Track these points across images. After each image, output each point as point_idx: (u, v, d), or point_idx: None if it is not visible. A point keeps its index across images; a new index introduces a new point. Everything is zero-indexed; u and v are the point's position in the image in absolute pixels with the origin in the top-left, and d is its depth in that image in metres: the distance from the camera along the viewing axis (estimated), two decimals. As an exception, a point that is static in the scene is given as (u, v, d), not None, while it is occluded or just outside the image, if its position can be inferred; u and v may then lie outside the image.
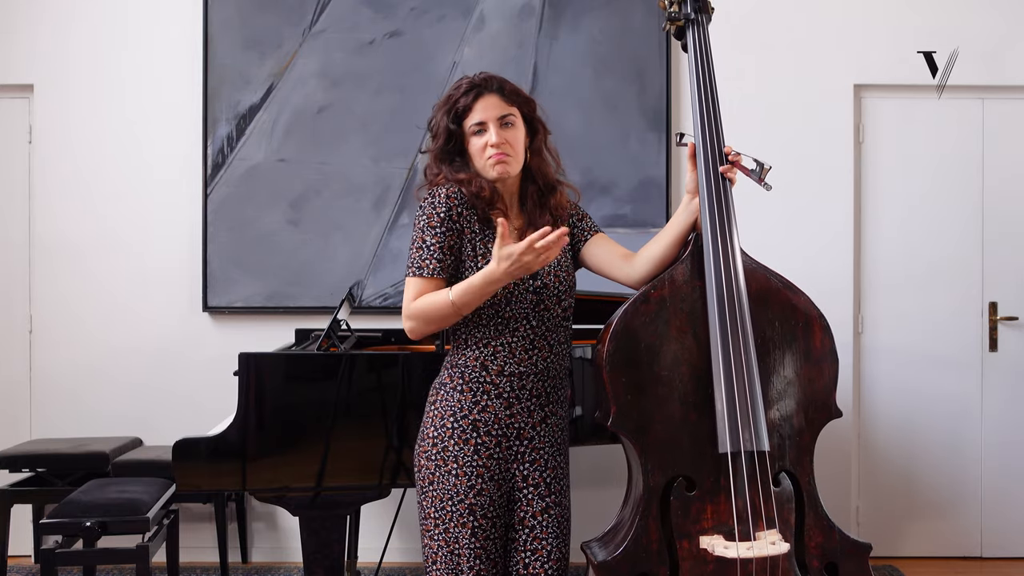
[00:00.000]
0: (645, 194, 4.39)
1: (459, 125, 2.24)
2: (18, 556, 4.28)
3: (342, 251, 4.39)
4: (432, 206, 2.20)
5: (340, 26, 4.41)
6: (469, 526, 2.18)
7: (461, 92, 2.24)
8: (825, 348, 2.25)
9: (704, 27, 2.40)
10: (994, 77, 4.42)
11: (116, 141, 4.43)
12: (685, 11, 2.41)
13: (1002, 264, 4.46)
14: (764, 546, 2.12)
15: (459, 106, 2.23)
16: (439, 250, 2.18)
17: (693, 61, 2.38)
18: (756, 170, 2.25)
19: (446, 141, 2.26)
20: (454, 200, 2.20)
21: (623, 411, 2.17)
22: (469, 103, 2.22)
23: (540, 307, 2.23)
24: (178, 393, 4.38)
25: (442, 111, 2.26)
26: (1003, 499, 4.45)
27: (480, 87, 2.24)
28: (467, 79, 2.27)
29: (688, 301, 2.22)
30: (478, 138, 2.23)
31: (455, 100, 2.24)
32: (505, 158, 2.22)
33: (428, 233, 2.18)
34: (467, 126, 2.23)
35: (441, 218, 2.18)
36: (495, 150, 2.21)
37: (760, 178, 2.25)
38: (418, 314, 2.16)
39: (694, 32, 2.40)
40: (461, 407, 2.21)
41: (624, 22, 4.40)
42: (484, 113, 2.22)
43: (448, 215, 2.19)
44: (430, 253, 2.18)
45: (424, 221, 2.20)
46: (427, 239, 2.18)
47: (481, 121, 2.22)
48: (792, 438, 2.22)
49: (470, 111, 2.23)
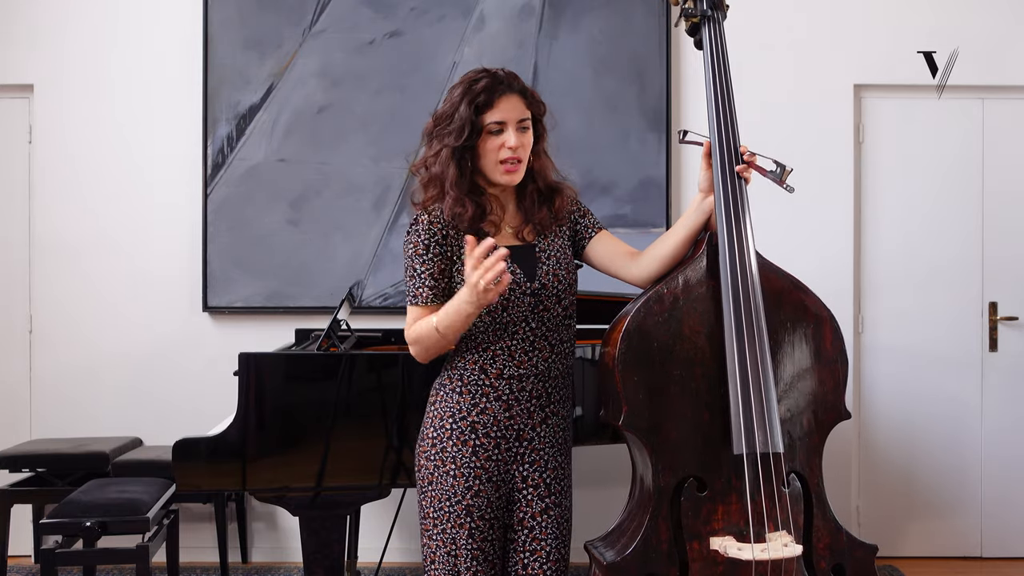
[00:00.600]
0: (645, 194, 4.38)
1: (477, 119, 2.15)
2: (18, 556, 4.28)
3: (342, 251, 4.39)
4: (416, 234, 2.18)
5: (340, 26, 4.41)
6: (467, 527, 2.18)
7: (483, 85, 2.15)
8: (836, 349, 2.24)
9: (720, 24, 2.36)
10: (994, 77, 4.42)
11: (116, 141, 4.43)
12: (701, 7, 2.37)
13: (1002, 264, 4.46)
14: (778, 548, 2.11)
15: (480, 100, 2.14)
16: (429, 277, 2.17)
17: (709, 58, 2.33)
18: (776, 172, 2.22)
19: (468, 135, 2.15)
20: (437, 225, 2.17)
21: (635, 411, 2.15)
22: (491, 99, 2.15)
23: (539, 308, 2.20)
24: (178, 393, 4.38)
25: (463, 100, 2.15)
26: (1003, 499, 4.45)
27: (505, 85, 2.17)
28: (489, 72, 2.19)
29: (702, 301, 2.20)
30: (494, 137, 2.16)
31: (477, 92, 2.15)
32: (517, 166, 2.18)
33: (416, 261, 2.17)
34: (485, 121, 2.15)
35: (426, 245, 2.16)
36: (511, 152, 2.16)
37: (781, 180, 2.22)
38: (415, 340, 2.19)
39: (710, 29, 2.36)
40: (460, 408, 2.20)
41: (624, 22, 4.40)
42: (505, 113, 2.15)
43: (432, 241, 2.16)
44: (422, 282, 2.17)
45: (411, 250, 2.18)
46: (417, 267, 2.17)
47: (502, 121, 2.16)
48: (802, 439, 2.21)
49: (491, 107, 2.15)
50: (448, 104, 2.19)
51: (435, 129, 2.21)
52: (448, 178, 2.17)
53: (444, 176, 2.18)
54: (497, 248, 1.98)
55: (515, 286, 2.17)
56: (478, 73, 2.20)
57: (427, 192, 2.22)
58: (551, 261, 2.23)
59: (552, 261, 2.23)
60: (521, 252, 2.22)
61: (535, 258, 2.22)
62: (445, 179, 2.17)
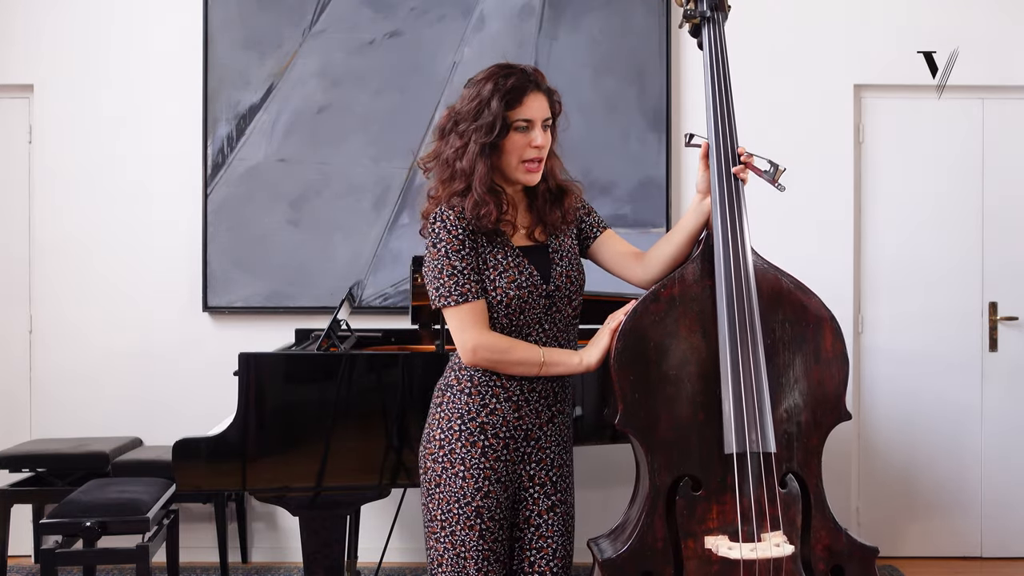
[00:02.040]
0: (645, 194, 4.39)
1: (506, 115, 2.11)
2: (18, 556, 4.28)
3: (342, 251, 4.39)
4: (447, 230, 2.11)
5: (340, 26, 4.41)
6: (476, 529, 2.16)
7: (513, 82, 2.11)
8: (836, 350, 2.24)
9: (720, 25, 2.36)
10: (994, 77, 4.42)
11: (116, 141, 4.43)
12: (701, 8, 2.37)
13: (1002, 264, 4.46)
14: (768, 548, 2.12)
15: (510, 96, 2.10)
16: (472, 271, 2.12)
17: (709, 59, 2.34)
18: (769, 171, 2.24)
19: (499, 132, 2.10)
20: (463, 220, 2.12)
21: (631, 409, 2.16)
22: (521, 96, 2.11)
23: (552, 310, 2.20)
24: (178, 393, 4.38)
25: (493, 96, 2.09)
26: (1003, 499, 4.45)
27: (534, 83, 2.14)
28: (516, 68, 2.15)
29: (698, 301, 2.20)
30: (521, 135, 2.13)
31: (507, 88, 2.10)
32: (539, 165, 2.17)
33: (455, 258, 2.11)
34: (513, 118, 2.11)
35: (461, 240, 2.11)
36: (536, 152, 2.14)
37: (774, 179, 2.23)
38: (494, 349, 2.12)
39: (710, 30, 2.36)
40: (469, 409, 2.18)
41: (624, 22, 4.40)
42: (533, 111, 2.12)
43: (465, 235, 2.12)
44: (466, 277, 2.11)
45: (445, 246, 2.11)
46: (456, 264, 2.11)
47: (529, 119, 2.12)
48: (800, 440, 2.21)
49: (520, 104, 2.11)
50: (474, 99, 2.12)
51: (458, 124, 2.15)
52: (478, 174, 2.12)
53: (473, 172, 2.12)
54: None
55: (532, 288, 2.16)
56: (505, 68, 2.15)
57: (450, 186, 2.15)
58: (564, 262, 2.23)
59: (565, 262, 2.23)
60: (535, 253, 2.21)
61: (549, 259, 2.21)
62: (474, 175, 2.12)
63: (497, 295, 2.13)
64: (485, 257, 2.15)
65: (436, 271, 2.13)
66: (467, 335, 2.11)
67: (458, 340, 2.13)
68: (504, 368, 2.14)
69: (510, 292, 2.13)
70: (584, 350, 2.20)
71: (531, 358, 2.14)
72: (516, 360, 2.13)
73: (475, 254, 2.14)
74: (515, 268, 2.15)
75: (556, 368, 2.16)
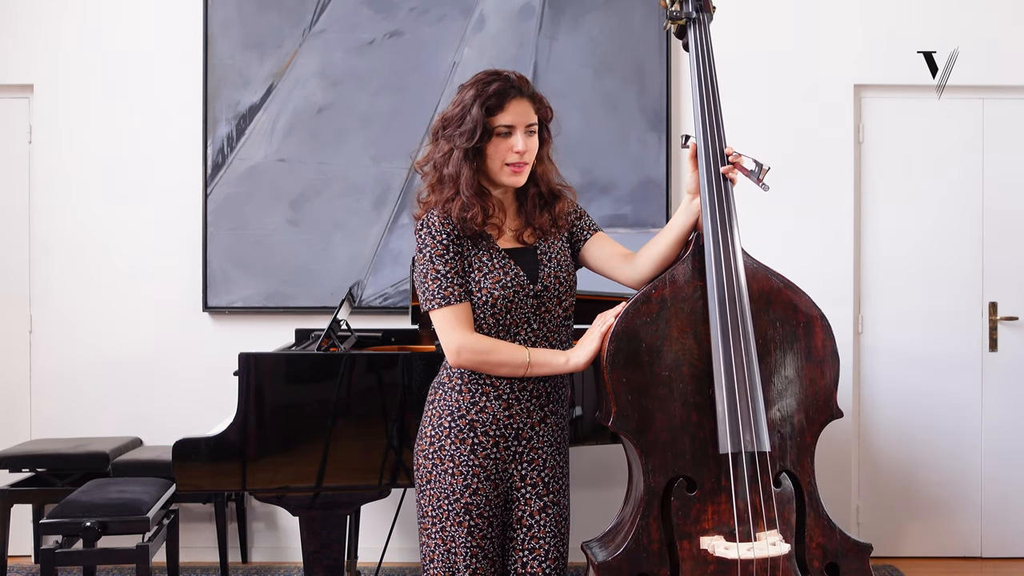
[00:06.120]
0: (645, 194, 4.39)
1: (487, 121, 2.16)
2: (18, 556, 4.28)
3: (342, 251, 4.39)
4: (431, 235, 2.17)
5: (340, 26, 4.41)
6: (465, 525, 2.18)
7: (495, 88, 2.16)
8: (827, 348, 2.25)
9: (706, 26, 2.38)
10: (994, 77, 4.42)
11: (116, 141, 4.43)
12: (686, 10, 2.38)
13: (1002, 264, 4.46)
14: (764, 547, 2.12)
15: (491, 102, 2.15)
16: (456, 275, 2.17)
17: (694, 61, 2.36)
18: (755, 171, 2.25)
19: (480, 137, 2.15)
20: (448, 226, 2.17)
21: (623, 411, 2.16)
22: (502, 102, 2.16)
23: (541, 310, 2.23)
24: (178, 393, 4.38)
25: (475, 102, 2.15)
26: (1003, 499, 4.45)
27: (516, 89, 2.18)
28: (501, 75, 2.20)
29: (689, 301, 2.21)
30: (503, 140, 2.17)
31: (488, 95, 2.16)
32: (523, 168, 2.20)
33: (439, 262, 2.16)
34: (494, 124, 2.16)
35: (445, 245, 2.17)
36: (518, 157, 2.18)
37: (759, 179, 2.24)
38: (477, 350, 2.15)
39: (695, 31, 2.38)
40: (459, 407, 2.20)
41: (624, 22, 4.40)
42: (516, 117, 2.17)
43: (449, 240, 2.17)
44: (449, 281, 2.16)
45: (429, 251, 2.17)
46: (440, 268, 2.16)
47: (511, 124, 2.17)
48: (793, 438, 2.22)
49: (501, 110, 2.16)
50: (459, 105, 2.19)
51: (445, 129, 2.21)
52: (463, 178, 2.17)
53: (459, 177, 2.18)
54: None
55: (518, 288, 2.19)
56: (489, 75, 2.21)
57: (439, 192, 2.21)
58: (552, 263, 2.25)
59: (553, 263, 2.25)
60: (522, 254, 2.24)
61: (537, 260, 2.24)
62: (460, 180, 2.17)
63: (482, 296, 2.17)
64: (470, 260, 2.19)
65: (422, 275, 2.20)
66: (451, 336, 2.16)
67: (443, 341, 2.18)
68: (489, 369, 2.17)
69: (495, 292, 2.17)
70: (572, 350, 2.22)
71: (515, 359, 2.16)
72: (499, 361, 2.16)
73: (460, 258, 2.18)
74: (500, 269, 2.19)
75: (542, 368, 2.18)
